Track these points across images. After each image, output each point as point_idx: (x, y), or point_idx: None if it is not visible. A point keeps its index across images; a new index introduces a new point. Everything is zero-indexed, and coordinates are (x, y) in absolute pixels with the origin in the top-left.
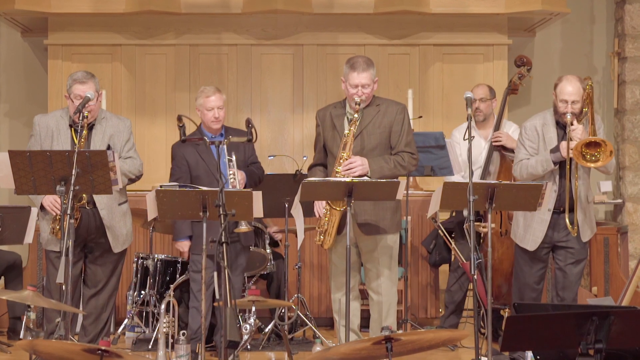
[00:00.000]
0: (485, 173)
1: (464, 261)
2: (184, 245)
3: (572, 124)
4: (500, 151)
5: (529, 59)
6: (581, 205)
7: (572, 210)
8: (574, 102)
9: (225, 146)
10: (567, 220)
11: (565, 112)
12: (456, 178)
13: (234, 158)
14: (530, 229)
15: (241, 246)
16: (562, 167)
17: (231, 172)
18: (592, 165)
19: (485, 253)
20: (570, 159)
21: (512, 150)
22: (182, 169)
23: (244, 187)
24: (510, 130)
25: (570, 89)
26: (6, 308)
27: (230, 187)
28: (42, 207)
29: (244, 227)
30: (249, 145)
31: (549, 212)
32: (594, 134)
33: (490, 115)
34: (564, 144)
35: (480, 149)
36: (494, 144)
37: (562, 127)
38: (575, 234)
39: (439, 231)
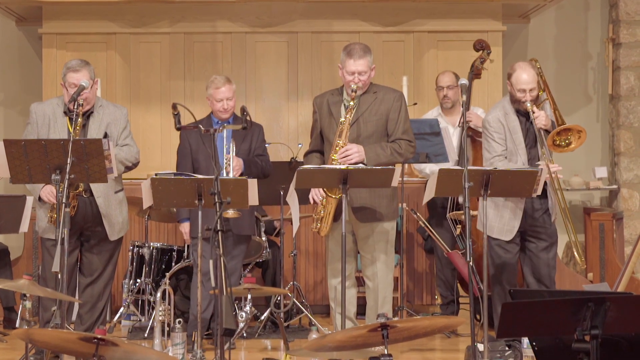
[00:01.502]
0: (462, 160)
1: (449, 250)
2: (185, 227)
3: (533, 112)
4: (473, 137)
5: (487, 43)
6: (553, 189)
7: (545, 195)
8: (532, 90)
9: (224, 133)
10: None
11: (524, 101)
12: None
13: (233, 145)
14: (503, 219)
15: (236, 235)
16: (531, 152)
17: (226, 159)
18: (566, 150)
19: (473, 241)
20: (543, 144)
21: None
22: (184, 152)
23: (241, 174)
24: (479, 113)
25: (526, 77)
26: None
27: (224, 173)
28: (40, 198)
29: (231, 213)
30: (259, 136)
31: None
32: (560, 117)
33: (457, 101)
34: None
35: (450, 135)
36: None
37: (523, 115)
38: (554, 219)
39: (420, 222)
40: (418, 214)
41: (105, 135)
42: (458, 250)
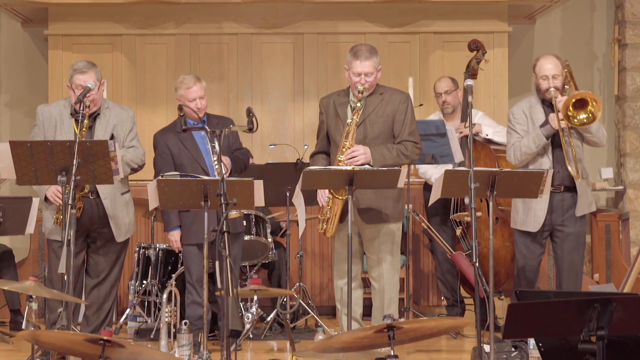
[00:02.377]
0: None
1: (452, 252)
2: (175, 235)
3: (556, 98)
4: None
5: (482, 43)
6: (581, 183)
7: (572, 187)
8: (555, 77)
9: (202, 133)
10: (569, 168)
11: (548, 88)
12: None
13: (216, 145)
14: (530, 211)
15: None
16: (555, 146)
17: (214, 159)
18: (584, 125)
19: (480, 242)
20: (562, 131)
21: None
22: (164, 158)
23: (230, 173)
24: (477, 117)
25: (549, 65)
26: (5, 300)
27: (215, 174)
28: (46, 198)
29: (233, 213)
30: (232, 131)
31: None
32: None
33: (457, 105)
34: (552, 115)
35: (456, 137)
36: (461, 136)
37: (548, 105)
38: (578, 179)
39: (422, 223)
40: (420, 215)
41: (112, 137)
42: (462, 251)
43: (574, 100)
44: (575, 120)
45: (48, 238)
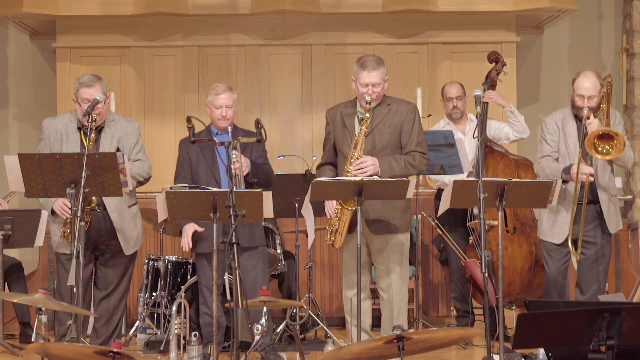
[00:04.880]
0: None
1: (466, 259)
2: (188, 230)
3: (588, 118)
4: (491, 147)
5: (501, 55)
6: (606, 197)
7: (595, 200)
8: (590, 97)
9: (214, 144)
10: (568, 244)
11: (582, 107)
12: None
13: (238, 145)
14: (557, 223)
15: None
16: (586, 158)
17: (234, 156)
18: (605, 157)
19: (493, 252)
20: (587, 153)
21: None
22: (183, 165)
23: (249, 174)
24: (493, 125)
25: (587, 84)
26: (15, 313)
27: (234, 171)
28: (52, 212)
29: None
30: (259, 146)
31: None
32: (609, 127)
33: (465, 111)
34: (574, 168)
35: (465, 146)
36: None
37: (580, 121)
38: (578, 258)
39: (438, 229)
40: (436, 220)
41: (118, 150)
42: (476, 259)
43: (599, 133)
44: (600, 149)
45: (56, 251)
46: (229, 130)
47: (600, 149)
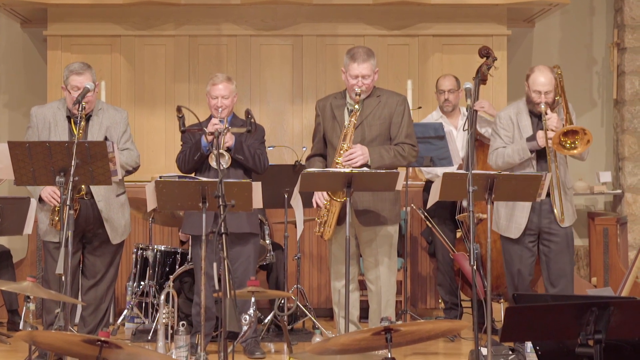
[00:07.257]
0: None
1: (455, 252)
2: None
3: (546, 113)
4: (481, 141)
5: (492, 49)
6: (563, 191)
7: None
8: (547, 93)
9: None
10: (555, 209)
11: (539, 102)
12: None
13: (226, 122)
14: (513, 217)
15: (234, 235)
16: (540, 155)
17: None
18: (570, 152)
19: (482, 245)
20: (548, 148)
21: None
22: (184, 148)
23: (230, 149)
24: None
25: (543, 80)
26: (3, 300)
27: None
28: (40, 199)
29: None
30: (254, 136)
31: None
32: (570, 122)
33: (457, 105)
34: (540, 132)
35: (455, 138)
36: (479, 110)
37: (536, 116)
38: (563, 222)
39: (427, 222)
40: (425, 212)
41: (106, 139)
42: (465, 252)
43: (564, 131)
44: (567, 145)
45: (43, 239)
46: (228, 119)
47: (567, 145)
